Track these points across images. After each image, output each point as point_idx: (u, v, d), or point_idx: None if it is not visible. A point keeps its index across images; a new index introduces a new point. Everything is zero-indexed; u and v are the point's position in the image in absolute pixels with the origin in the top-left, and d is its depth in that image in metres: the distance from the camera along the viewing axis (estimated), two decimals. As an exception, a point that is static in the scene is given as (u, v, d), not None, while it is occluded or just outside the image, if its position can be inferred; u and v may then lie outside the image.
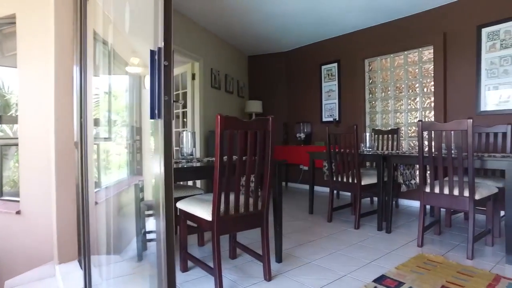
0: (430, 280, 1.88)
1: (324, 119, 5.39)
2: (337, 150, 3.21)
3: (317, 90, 5.48)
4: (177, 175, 1.82)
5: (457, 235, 2.85)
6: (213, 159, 2.44)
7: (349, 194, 4.75)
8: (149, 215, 2.15)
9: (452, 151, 2.40)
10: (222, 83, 5.37)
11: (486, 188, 2.45)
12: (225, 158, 1.75)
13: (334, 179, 3.31)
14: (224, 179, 1.71)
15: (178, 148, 2.33)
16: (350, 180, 3.13)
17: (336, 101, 5.19)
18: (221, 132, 1.65)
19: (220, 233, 1.74)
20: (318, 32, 5.01)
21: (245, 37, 5.24)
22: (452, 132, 2.39)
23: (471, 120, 2.20)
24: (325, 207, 4.02)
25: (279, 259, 2.24)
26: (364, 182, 3.09)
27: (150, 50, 0.87)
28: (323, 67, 5.39)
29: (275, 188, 2.22)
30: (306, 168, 5.58)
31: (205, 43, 4.88)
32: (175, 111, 5.28)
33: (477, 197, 2.31)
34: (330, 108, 5.30)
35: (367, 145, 3.53)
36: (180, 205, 2.00)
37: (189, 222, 2.03)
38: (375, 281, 1.88)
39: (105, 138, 2.43)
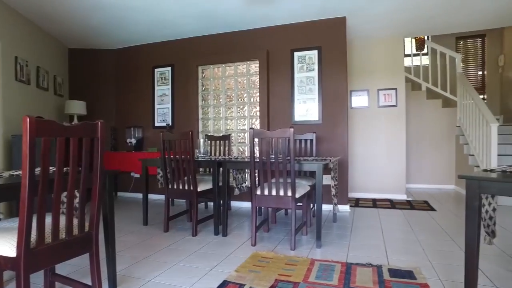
0: (266, 277, 2.02)
1: (156, 124, 5.18)
2: (172, 156, 3.10)
3: (150, 94, 5.23)
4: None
5: (281, 230, 3.23)
6: (20, 172, 1.91)
7: (183, 200, 4.71)
8: None
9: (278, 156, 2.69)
10: (33, 77, 4.38)
11: (302, 187, 2.87)
12: (37, 170, 1.37)
13: (170, 186, 3.18)
14: (37, 198, 1.33)
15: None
16: (186, 187, 3.08)
17: (170, 106, 5.08)
18: (31, 139, 1.28)
19: (31, 271, 1.34)
20: (153, 32, 4.78)
21: (66, 25, 4.45)
22: (277, 139, 2.69)
23: (293, 129, 2.52)
24: (160, 216, 3.83)
25: (113, 285, 1.94)
26: (200, 188, 3.10)
27: None
28: (156, 70, 5.18)
29: (106, 202, 1.92)
30: (138, 175, 5.22)
31: (6, 24, 3.85)
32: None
33: (297, 195, 2.66)
34: (163, 113, 5.14)
35: (202, 151, 3.57)
36: (-36, 238, 1.44)
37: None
38: (217, 288, 1.88)
39: None
